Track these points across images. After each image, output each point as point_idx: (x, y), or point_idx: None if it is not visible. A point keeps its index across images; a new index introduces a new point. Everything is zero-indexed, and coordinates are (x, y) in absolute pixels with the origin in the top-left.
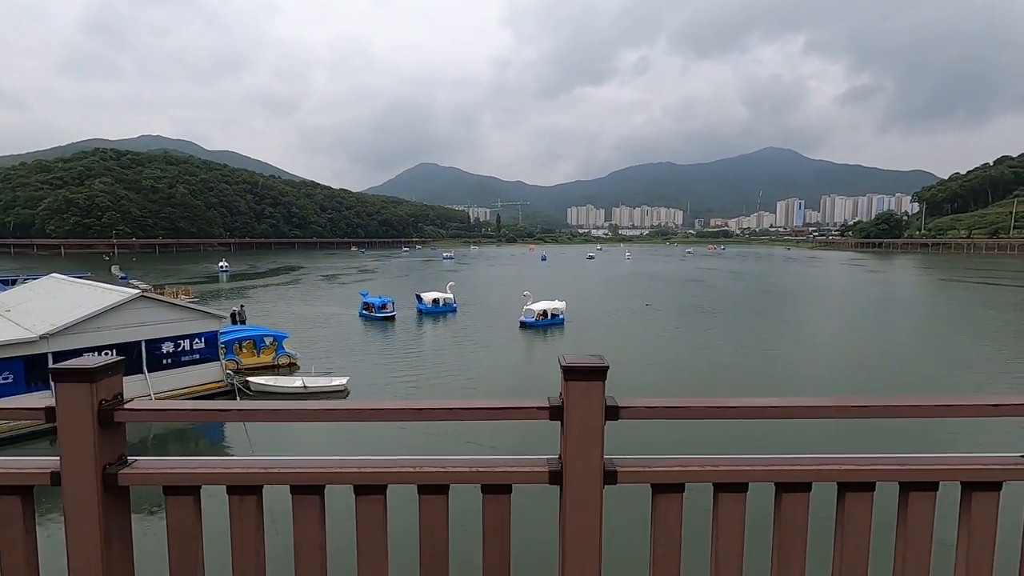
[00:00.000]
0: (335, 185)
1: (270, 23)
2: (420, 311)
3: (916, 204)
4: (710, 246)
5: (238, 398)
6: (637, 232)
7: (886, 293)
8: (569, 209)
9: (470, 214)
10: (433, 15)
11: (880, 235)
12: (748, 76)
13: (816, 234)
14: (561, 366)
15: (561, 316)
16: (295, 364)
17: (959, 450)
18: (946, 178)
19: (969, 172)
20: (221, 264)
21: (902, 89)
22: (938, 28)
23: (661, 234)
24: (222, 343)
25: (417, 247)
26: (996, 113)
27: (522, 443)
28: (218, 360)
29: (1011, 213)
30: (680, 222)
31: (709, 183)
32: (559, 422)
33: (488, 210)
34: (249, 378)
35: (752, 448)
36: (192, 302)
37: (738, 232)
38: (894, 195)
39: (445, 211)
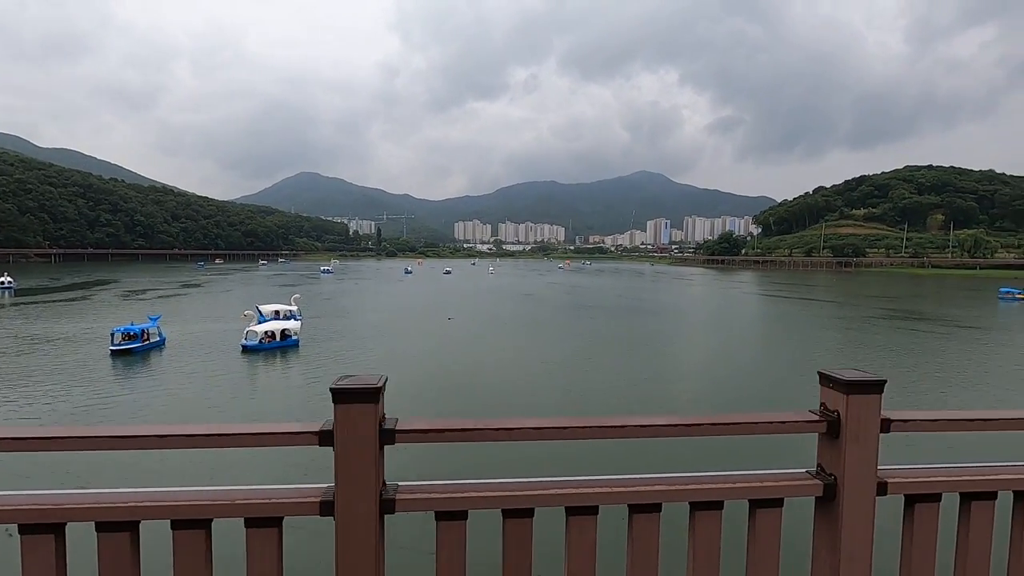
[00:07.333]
0: (205, 192)
1: (118, 1)
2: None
3: (756, 226)
4: (567, 262)
5: None
6: (521, 247)
7: (686, 305)
8: (457, 224)
9: (350, 226)
10: (313, 10)
11: (722, 252)
12: (629, 102)
13: (676, 251)
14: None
15: (294, 337)
16: None
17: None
18: (778, 203)
19: (794, 199)
20: (2, 279)
21: (757, 122)
22: (787, 69)
23: (542, 250)
24: None
25: (280, 260)
26: (829, 148)
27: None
28: None
29: (821, 235)
30: (562, 238)
31: (590, 202)
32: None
33: (372, 223)
34: None
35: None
36: None
37: (612, 248)
38: (743, 218)
39: (322, 223)
